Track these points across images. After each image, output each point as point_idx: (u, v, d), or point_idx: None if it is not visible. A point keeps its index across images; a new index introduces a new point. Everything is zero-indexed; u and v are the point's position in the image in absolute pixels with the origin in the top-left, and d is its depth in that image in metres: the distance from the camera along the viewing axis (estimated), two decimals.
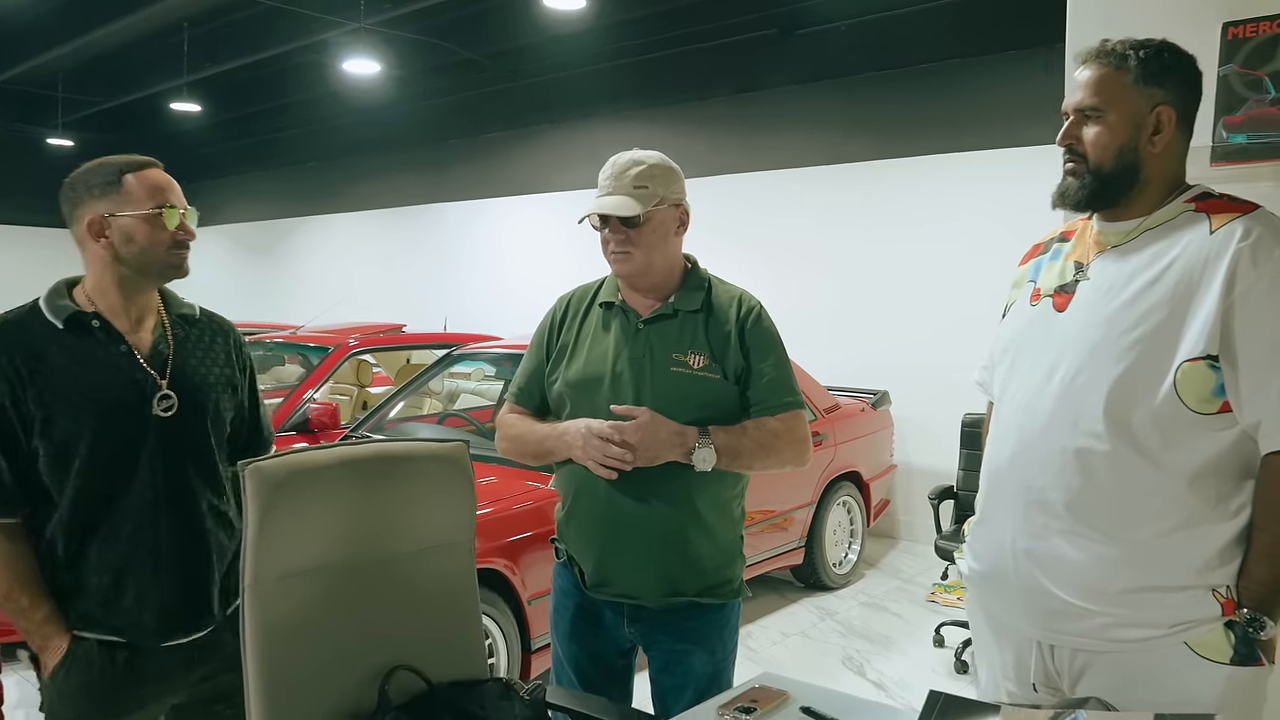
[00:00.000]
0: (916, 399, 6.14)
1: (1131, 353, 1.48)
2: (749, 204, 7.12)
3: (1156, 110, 1.53)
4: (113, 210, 1.73)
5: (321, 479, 1.66)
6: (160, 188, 1.76)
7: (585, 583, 2.01)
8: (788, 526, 4.83)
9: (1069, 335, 1.56)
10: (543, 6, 6.71)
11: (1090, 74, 1.56)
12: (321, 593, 1.65)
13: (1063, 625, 1.55)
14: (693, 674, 1.99)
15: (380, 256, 10.65)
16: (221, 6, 7.60)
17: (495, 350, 5.05)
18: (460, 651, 1.82)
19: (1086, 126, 1.56)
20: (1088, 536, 1.51)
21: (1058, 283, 1.64)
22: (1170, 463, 1.47)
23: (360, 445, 1.77)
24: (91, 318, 1.75)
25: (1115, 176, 1.55)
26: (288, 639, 1.60)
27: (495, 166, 9.45)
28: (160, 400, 1.76)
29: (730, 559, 2.01)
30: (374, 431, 4.42)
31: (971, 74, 6.22)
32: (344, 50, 7.88)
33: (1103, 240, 1.61)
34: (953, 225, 6.18)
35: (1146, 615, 1.48)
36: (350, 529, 1.69)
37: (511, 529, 3.40)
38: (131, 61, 9.09)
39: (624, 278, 2.01)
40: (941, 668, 4.16)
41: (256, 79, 9.54)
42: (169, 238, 1.75)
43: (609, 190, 1.95)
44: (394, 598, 1.74)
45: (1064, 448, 1.53)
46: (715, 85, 7.67)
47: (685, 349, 1.95)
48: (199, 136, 12.05)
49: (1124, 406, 1.48)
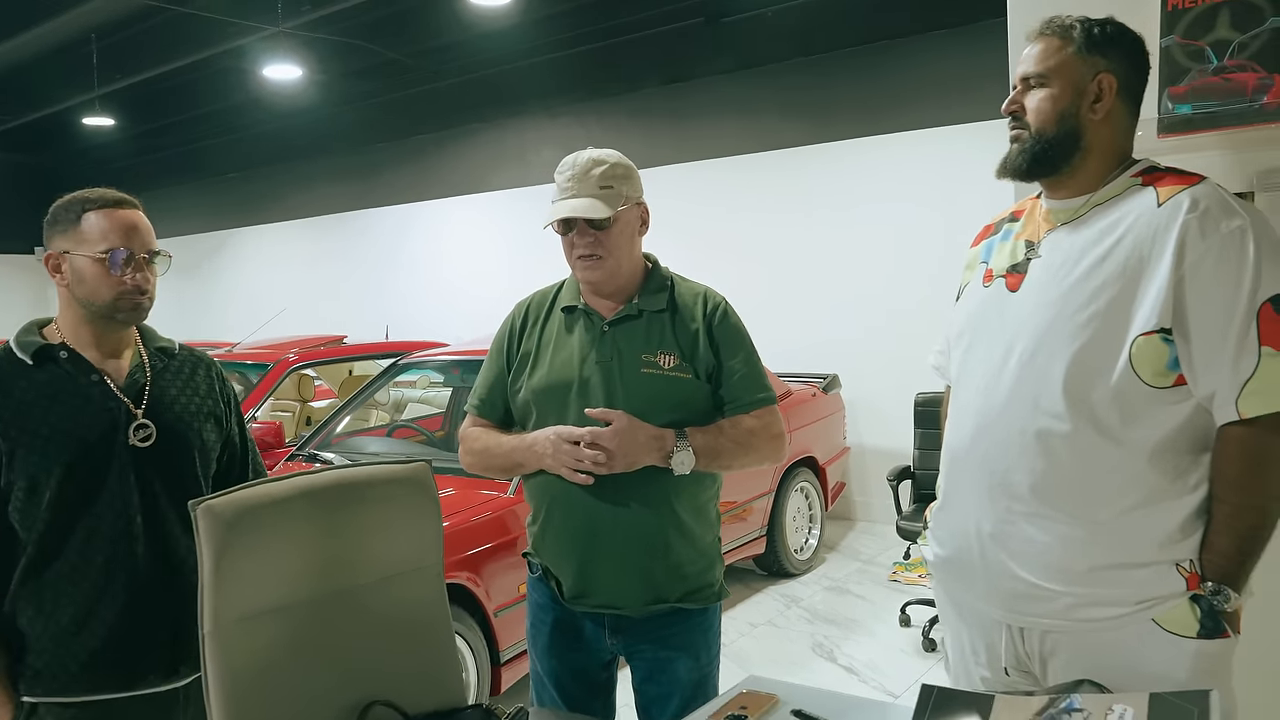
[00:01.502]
0: (865, 380, 6.19)
1: (1086, 330, 1.48)
2: (684, 195, 7.09)
3: (1098, 78, 1.55)
4: (69, 248, 1.70)
5: (278, 513, 1.56)
6: (119, 230, 1.70)
7: (564, 595, 1.96)
8: (748, 516, 4.82)
9: (1023, 315, 1.56)
10: (466, 3, 6.58)
11: (1038, 46, 1.59)
12: (287, 633, 1.55)
13: (1030, 608, 1.55)
14: (678, 682, 1.95)
15: (314, 267, 10.40)
16: (129, 16, 7.31)
17: (443, 358, 4.94)
18: (436, 681, 1.74)
19: (1030, 94, 1.59)
20: (1052, 518, 1.52)
21: (1009, 263, 1.64)
22: (1130, 439, 1.47)
23: (317, 474, 1.66)
24: (59, 349, 1.71)
25: (1057, 142, 1.56)
26: (253, 684, 1.50)
27: (427, 169, 9.29)
28: (137, 430, 1.71)
29: (711, 562, 1.98)
30: (321, 449, 4.29)
31: (899, 55, 6.27)
32: (263, 56, 7.64)
33: (1052, 218, 1.61)
34: (889, 205, 6.24)
35: (1112, 593, 1.49)
36: (312, 563, 1.60)
37: (473, 541, 3.33)
38: (38, 76, 8.72)
39: (593, 284, 1.94)
40: (910, 647, 4.19)
41: (172, 89, 9.22)
42: (117, 283, 1.70)
43: (573, 192, 1.88)
44: (363, 631, 1.65)
45: (1024, 429, 1.53)
46: (644, 77, 7.62)
47: (654, 349, 1.91)
48: (114, 151, 11.63)
49: (1082, 384, 1.48)
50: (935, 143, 6.04)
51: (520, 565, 2.70)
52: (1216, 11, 2.03)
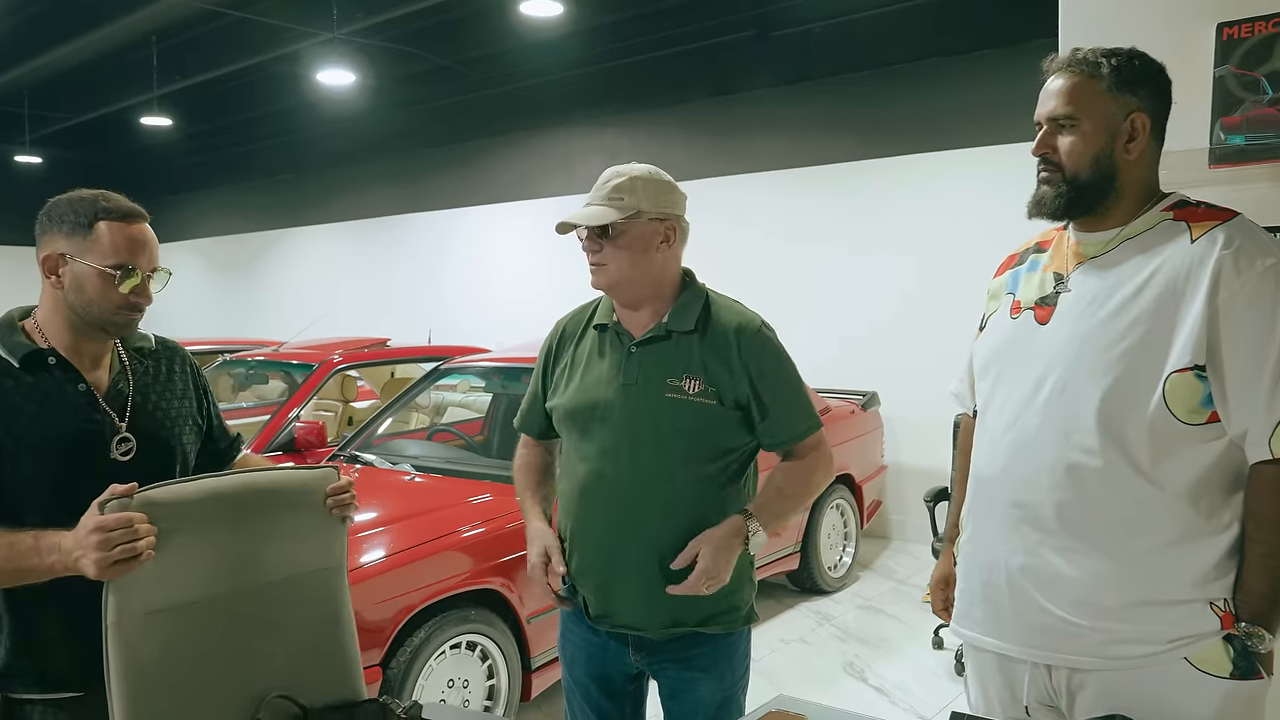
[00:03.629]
0: (905, 398, 6.15)
1: (1119, 365, 1.47)
2: (729, 207, 7.10)
3: (1131, 117, 1.53)
4: (73, 253, 1.63)
5: (186, 512, 1.58)
6: (131, 246, 1.65)
7: (589, 614, 1.97)
8: (783, 531, 4.81)
9: (1054, 348, 1.55)
10: (518, 12, 6.66)
11: (1063, 83, 1.56)
12: (190, 627, 1.58)
13: (1059, 644, 1.53)
14: (701, 702, 1.94)
15: (360, 269, 10.55)
16: (190, 19, 7.48)
17: (484, 364, 4.99)
18: (336, 675, 1.77)
19: (1061, 136, 1.56)
20: (1083, 552, 1.50)
21: (1038, 295, 1.63)
22: (1163, 475, 1.47)
23: (226, 477, 1.69)
24: (48, 355, 1.66)
25: (1091, 185, 1.54)
26: (157, 678, 1.53)
27: (473, 175, 9.39)
28: (119, 444, 1.68)
29: (736, 586, 1.92)
30: (362, 450, 4.35)
31: (949, 73, 6.23)
32: (317, 61, 7.79)
33: (1081, 251, 1.60)
34: (936, 223, 6.19)
35: (1145, 630, 1.47)
36: (217, 561, 1.63)
37: (507, 547, 3.36)
38: (100, 76, 8.96)
39: (599, 289, 1.95)
40: (942, 670, 4.15)
41: (228, 91, 9.43)
42: (119, 299, 1.65)
43: (589, 202, 1.90)
44: (265, 628, 1.68)
45: (1055, 463, 1.52)
46: (692, 89, 7.65)
47: (680, 373, 1.87)
48: (170, 150, 11.89)
49: (1115, 419, 1.47)
50: (983, 162, 5.99)
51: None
52: (1273, 42, 2.01)
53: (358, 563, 3.06)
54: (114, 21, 7.16)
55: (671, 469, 1.85)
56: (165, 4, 6.80)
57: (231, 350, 6.68)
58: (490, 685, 3.34)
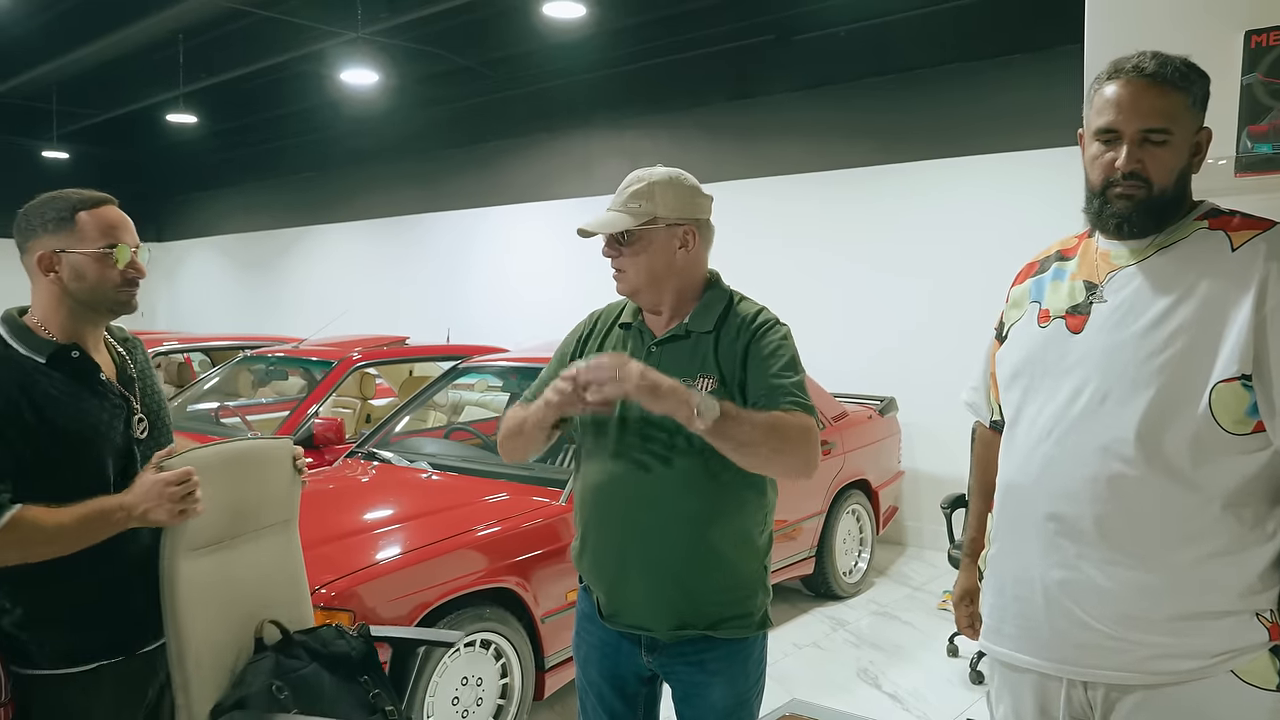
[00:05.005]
0: (924, 404, 6.12)
1: (1161, 376, 1.44)
2: (749, 210, 7.09)
3: (1200, 133, 1.53)
4: (64, 246, 1.76)
5: (206, 472, 1.86)
6: (113, 226, 1.80)
7: (601, 613, 1.97)
8: (798, 536, 4.80)
9: (1089, 358, 1.52)
10: (541, 14, 6.68)
11: (1155, 95, 1.49)
12: (211, 564, 1.98)
13: (1101, 659, 1.50)
14: (712, 707, 1.93)
15: (380, 267, 10.61)
16: (216, 18, 7.55)
17: (502, 363, 5.01)
18: (298, 608, 2.23)
19: (1153, 150, 1.50)
20: (1125, 564, 1.47)
21: (1069, 303, 1.60)
22: (1205, 485, 1.44)
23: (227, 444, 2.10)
24: (71, 349, 1.79)
25: (1172, 201, 1.52)
26: (196, 603, 1.92)
27: (493, 175, 9.42)
28: (138, 423, 1.87)
29: (748, 593, 1.91)
30: (380, 447, 4.38)
31: (972, 78, 6.20)
32: (341, 60, 7.84)
33: (1113, 259, 1.57)
34: (956, 228, 6.16)
35: (1192, 644, 1.44)
36: (224, 510, 2.00)
37: (523, 547, 3.36)
38: (126, 73, 9.05)
39: (621, 295, 1.96)
40: (957, 678, 4.13)
41: (253, 90, 9.50)
42: (118, 276, 1.80)
43: (609, 207, 1.91)
44: (253, 565, 2.11)
45: (1095, 475, 1.48)
46: (713, 92, 7.63)
47: (695, 372, 1.85)
48: (195, 148, 12.00)
49: (1156, 430, 1.44)
50: (1006, 168, 5.95)
51: (569, 573, 2.74)
52: None
53: (374, 559, 3.08)
54: (142, 19, 7.23)
55: (682, 469, 1.83)
56: (192, 2, 6.86)
57: (252, 346, 6.73)
58: (504, 684, 3.35)
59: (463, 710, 3.21)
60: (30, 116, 10.70)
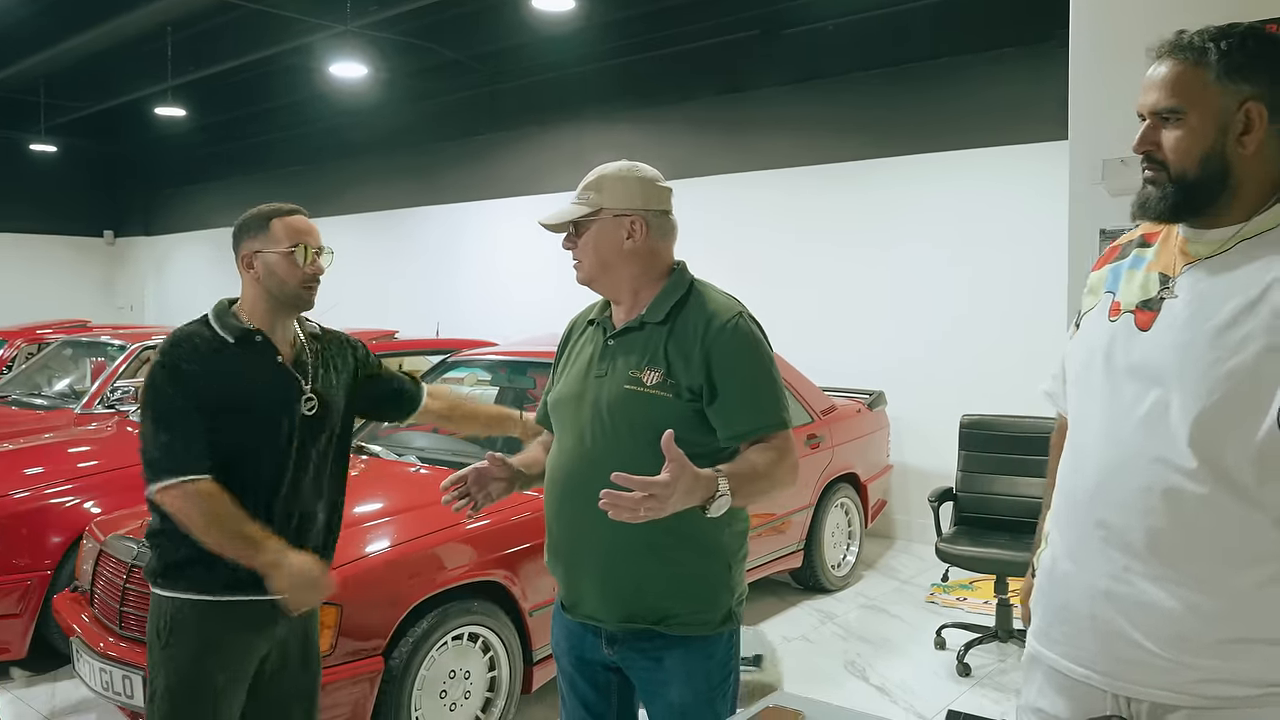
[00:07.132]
0: (912, 398, 6.15)
1: (1227, 383, 1.32)
2: (738, 204, 7.10)
3: (1245, 107, 1.35)
4: (260, 248, 2.15)
5: None
6: (299, 231, 2.17)
7: (563, 604, 2.00)
8: (786, 529, 4.82)
9: (1154, 359, 1.40)
10: (530, 8, 6.68)
11: (1165, 71, 1.39)
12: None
13: (1146, 677, 1.40)
14: (671, 706, 1.90)
15: (369, 261, 10.58)
16: (205, 10, 7.53)
17: (491, 357, 5.01)
18: None
19: (1165, 130, 1.40)
20: (1177, 581, 1.37)
21: (1140, 297, 1.47)
22: (1270, 504, 1.33)
23: None
24: (255, 334, 2.14)
25: (1201, 185, 1.38)
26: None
27: (483, 169, 9.41)
28: (306, 401, 2.16)
29: (704, 589, 1.87)
30: (368, 441, 4.37)
31: (960, 73, 6.22)
32: (330, 53, 7.82)
33: (1191, 251, 1.43)
34: (943, 223, 6.18)
35: (1242, 670, 1.35)
36: None
37: (510, 540, 3.37)
38: (114, 66, 9.02)
39: (580, 284, 1.99)
40: (944, 671, 4.15)
41: (242, 82, 9.47)
42: (301, 274, 2.15)
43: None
44: None
45: (1151, 485, 1.38)
46: (701, 86, 7.64)
47: (643, 364, 1.83)
48: (184, 141, 11.96)
49: (1217, 441, 1.33)
50: (993, 162, 5.98)
51: None
52: None
53: (362, 553, 3.08)
54: (130, 12, 7.21)
55: (624, 461, 1.71)
56: None
57: None
58: (491, 677, 3.36)
59: (450, 703, 3.22)
60: (18, 109, 10.65)
